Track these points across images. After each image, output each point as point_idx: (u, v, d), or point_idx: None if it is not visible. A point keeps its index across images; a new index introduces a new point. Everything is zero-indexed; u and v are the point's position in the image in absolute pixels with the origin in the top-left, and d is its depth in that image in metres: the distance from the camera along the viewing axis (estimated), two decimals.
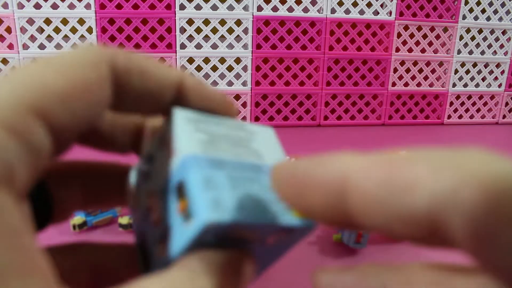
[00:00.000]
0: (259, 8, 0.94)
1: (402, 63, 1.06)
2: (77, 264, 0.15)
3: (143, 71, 0.14)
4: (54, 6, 0.88)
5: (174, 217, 0.13)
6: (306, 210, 0.12)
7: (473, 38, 1.07)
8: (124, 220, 0.46)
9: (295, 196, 0.12)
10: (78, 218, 0.46)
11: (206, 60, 0.96)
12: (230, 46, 0.96)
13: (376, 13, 1.01)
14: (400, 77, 1.06)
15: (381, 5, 1.02)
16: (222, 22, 0.94)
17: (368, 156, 0.11)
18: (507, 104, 1.15)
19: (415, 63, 1.06)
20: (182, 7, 0.91)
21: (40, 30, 0.90)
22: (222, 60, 0.97)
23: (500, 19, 1.07)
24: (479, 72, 1.10)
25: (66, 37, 0.91)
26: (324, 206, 0.11)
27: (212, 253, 0.13)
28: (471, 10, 1.04)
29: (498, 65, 1.11)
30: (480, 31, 1.07)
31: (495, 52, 1.10)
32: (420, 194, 0.09)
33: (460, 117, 1.13)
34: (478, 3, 1.04)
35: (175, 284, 0.11)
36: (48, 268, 0.10)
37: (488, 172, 0.09)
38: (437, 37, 1.05)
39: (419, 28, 1.03)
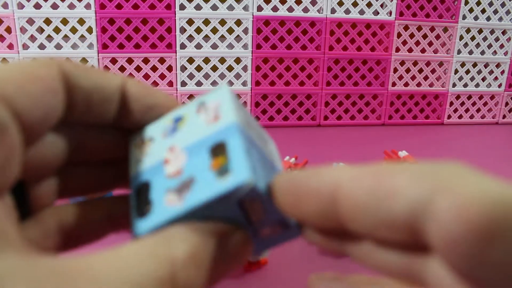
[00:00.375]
0: (259, 8, 0.94)
1: (402, 63, 1.06)
2: (46, 230, 0.16)
3: (88, 73, 0.16)
4: (54, 6, 0.88)
5: (203, 172, 0.14)
6: (302, 217, 0.13)
7: (473, 38, 1.07)
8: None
9: (293, 204, 0.13)
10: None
11: (206, 60, 0.96)
12: (230, 46, 0.97)
13: (376, 13, 1.01)
14: (400, 77, 1.06)
15: (381, 5, 1.02)
16: (222, 22, 0.94)
17: (358, 168, 0.12)
18: (507, 104, 1.15)
19: (415, 63, 1.06)
20: (182, 7, 0.91)
21: (40, 30, 0.90)
22: (222, 60, 0.97)
23: (500, 19, 1.07)
24: (479, 72, 1.10)
25: (66, 37, 0.91)
26: (318, 213, 0.12)
27: (197, 223, 0.13)
28: (471, 10, 1.04)
29: (498, 65, 1.11)
30: (480, 31, 1.07)
31: (495, 52, 1.10)
32: (400, 201, 0.10)
33: (460, 117, 1.13)
34: (478, 3, 1.04)
35: (147, 248, 0.12)
36: (13, 230, 0.12)
37: (461, 185, 0.10)
38: (437, 37, 1.05)
39: (419, 28, 1.03)
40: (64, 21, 0.89)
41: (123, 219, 0.18)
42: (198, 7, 0.93)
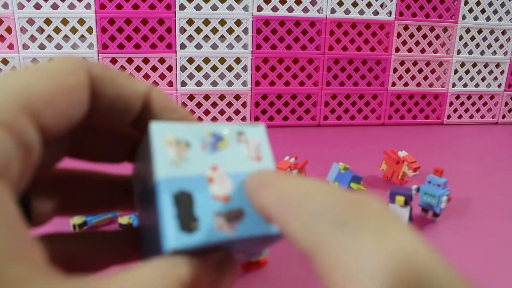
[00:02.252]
0: (259, 8, 0.94)
1: (402, 63, 1.06)
2: (52, 253, 0.16)
3: (114, 80, 0.16)
4: (54, 6, 0.88)
5: (250, 208, 0.15)
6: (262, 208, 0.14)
7: (472, 38, 1.07)
8: (124, 220, 0.46)
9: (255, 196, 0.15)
10: (78, 218, 0.46)
11: (206, 60, 0.96)
12: (230, 46, 0.97)
13: (376, 13, 1.01)
14: (400, 77, 1.06)
15: (381, 5, 1.02)
16: (222, 22, 0.95)
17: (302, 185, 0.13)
18: (506, 104, 1.15)
19: (415, 63, 1.06)
20: (182, 7, 0.91)
21: (40, 30, 0.90)
22: (222, 60, 0.97)
23: (500, 19, 1.07)
24: (479, 72, 1.10)
25: (66, 37, 0.91)
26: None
27: (194, 255, 0.15)
28: (470, 10, 1.05)
29: (497, 65, 1.11)
30: (479, 31, 1.07)
31: (494, 52, 1.10)
32: (295, 239, 0.12)
33: (460, 117, 1.13)
34: (478, 3, 1.04)
35: (158, 269, 0.13)
36: (40, 253, 0.12)
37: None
38: (437, 37, 1.05)
39: (419, 28, 1.03)
40: (64, 21, 0.89)
41: (129, 253, 0.18)
42: (198, 7, 0.93)
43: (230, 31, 0.95)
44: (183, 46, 0.94)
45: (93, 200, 0.18)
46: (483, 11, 1.05)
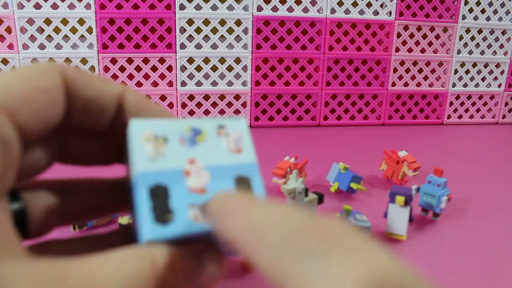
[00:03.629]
0: (259, 8, 0.94)
1: (402, 63, 1.06)
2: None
3: (88, 82, 0.16)
4: (54, 6, 0.88)
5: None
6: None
7: (472, 38, 1.07)
8: (124, 220, 0.46)
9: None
10: None
11: (206, 60, 0.96)
12: (230, 46, 0.97)
13: (376, 13, 1.01)
14: (400, 77, 1.06)
15: (381, 5, 1.02)
16: (222, 22, 0.94)
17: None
18: (506, 104, 1.15)
19: (415, 63, 1.06)
20: (182, 7, 0.91)
21: (40, 30, 0.90)
22: (222, 60, 0.97)
23: (500, 19, 1.07)
24: (479, 72, 1.10)
25: (66, 37, 0.91)
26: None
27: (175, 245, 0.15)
28: (470, 10, 1.05)
29: (497, 65, 1.11)
30: (479, 31, 1.07)
31: (494, 52, 1.10)
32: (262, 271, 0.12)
33: (460, 117, 1.13)
34: (478, 3, 1.04)
35: (133, 252, 0.14)
36: (17, 239, 0.12)
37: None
38: (437, 37, 1.05)
39: (419, 28, 1.03)
40: (64, 21, 0.89)
41: None
42: (198, 7, 0.93)
43: (230, 31, 0.95)
44: (183, 46, 0.94)
45: (91, 207, 0.18)
46: (483, 11, 1.05)
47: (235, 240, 0.13)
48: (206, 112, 1.00)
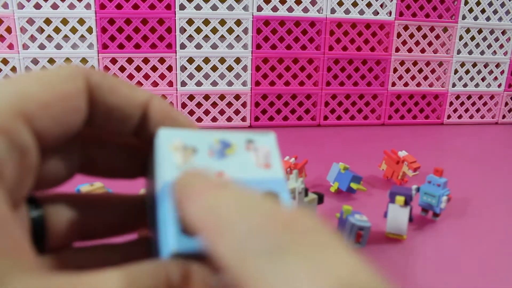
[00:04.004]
0: (259, 8, 0.94)
1: (402, 63, 1.06)
2: (62, 267, 0.16)
3: (113, 87, 0.15)
4: (54, 6, 0.88)
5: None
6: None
7: (472, 38, 1.07)
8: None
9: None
10: None
11: (206, 60, 0.96)
12: (230, 46, 0.97)
13: (376, 13, 1.01)
14: (400, 77, 1.06)
15: (381, 5, 1.02)
16: (222, 22, 0.94)
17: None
18: (506, 104, 1.15)
19: (415, 63, 1.06)
20: (182, 7, 0.91)
21: (40, 30, 0.90)
22: (222, 60, 0.97)
23: (500, 19, 1.07)
24: (479, 72, 1.10)
25: (66, 37, 0.91)
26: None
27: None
28: (470, 10, 1.05)
29: (497, 65, 1.11)
30: (479, 31, 1.07)
31: (494, 52, 1.10)
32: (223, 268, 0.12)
33: (460, 117, 1.13)
34: (478, 3, 1.04)
35: (146, 269, 0.13)
36: (28, 251, 0.12)
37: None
38: (437, 37, 1.05)
39: (419, 28, 1.03)
40: (64, 21, 0.89)
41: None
42: (198, 7, 0.93)
43: (230, 31, 0.95)
44: (183, 46, 0.94)
45: (112, 224, 0.18)
46: (483, 11, 1.05)
47: (197, 227, 0.12)
48: (206, 112, 1.00)
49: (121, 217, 0.18)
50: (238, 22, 0.96)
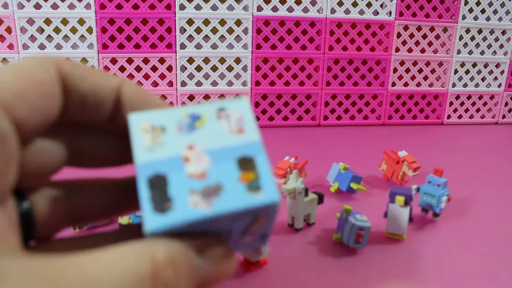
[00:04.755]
0: (259, 8, 0.94)
1: (402, 63, 1.06)
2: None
3: (85, 75, 0.16)
4: (54, 6, 0.88)
5: (232, 182, 0.15)
6: None
7: (472, 38, 1.07)
8: (124, 220, 0.46)
9: None
10: None
11: (206, 60, 0.96)
12: (230, 46, 0.97)
13: (376, 13, 1.01)
14: (400, 77, 1.06)
15: (381, 5, 1.02)
16: (222, 22, 0.94)
17: None
18: (506, 104, 1.15)
19: (414, 63, 1.06)
20: (182, 7, 0.91)
21: (40, 30, 0.90)
22: (222, 60, 0.97)
23: (500, 19, 1.07)
24: (479, 72, 1.10)
25: (66, 37, 0.91)
26: None
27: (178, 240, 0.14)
28: (470, 10, 1.05)
29: (497, 65, 1.11)
30: (479, 31, 1.07)
31: (494, 52, 1.10)
32: None
33: (460, 117, 1.13)
34: (478, 3, 1.04)
35: (131, 248, 0.13)
36: (12, 236, 0.12)
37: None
38: (437, 37, 1.05)
39: (418, 28, 1.03)
40: (64, 21, 0.89)
41: None
42: (198, 7, 0.93)
43: (230, 31, 0.95)
44: (183, 46, 0.94)
45: (100, 207, 0.18)
46: (483, 11, 1.05)
47: None
48: None
49: (107, 200, 0.18)
50: (238, 22, 0.96)
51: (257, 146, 0.16)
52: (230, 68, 0.98)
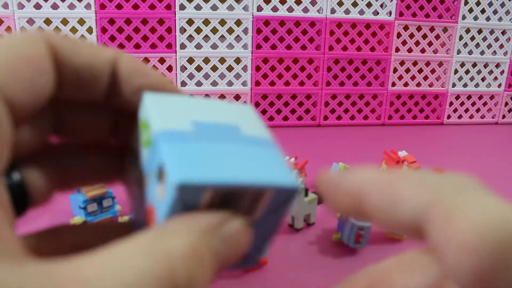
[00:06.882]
0: (259, 8, 0.94)
1: (402, 63, 1.06)
2: (60, 245, 0.16)
3: (77, 48, 0.15)
4: (54, 6, 0.88)
5: (157, 200, 0.13)
6: (338, 207, 0.15)
7: (472, 38, 1.07)
8: (124, 219, 0.46)
9: (333, 198, 0.15)
10: (78, 218, 0.46)
11: (206, 60, 0.96)
12: (230, 46, 0.97)
13: (376, 13, 1.01)
14: (400, 77, 1.06)
15: (381, 5, 1.02)
16: (222, 22, 0.94)
17: (378, 173, 0.14)
18: (506, 104, 1.15)
19: (414, 63, 1.06)
20: (182, 7, 0.91)
21: None
22: (222, 60, 0.97)
23: (500, 19, 1.07)
24: (479, 72, 1.10)
25: None
26: (348, 204, 0.14)
27: (190, 216, 0.12)
28: (470, 10, 1.05)
29: (497, 65, 1.11)
30: (479, 31, 1.07)
31: (494, 52, 1.10)
32: (405, 209, 0.12)
33: (460, 117, 1.13)
34: (478, 3, 1.04)
35: (141, 246, 0.11)
36: (11, 238, 0.11)
37: (450, 197, 0.12)
38: (437, 37, 1.05)
39: (418, 28, 1.03)
40: (64, 21, 0.89)
41: None
42: (198, 7, 0.93)
43: (230, 31, 0.95)
44: (183, 46, 0.94)
45: (88, 170, 0.17)
46: (483, 11, 1.05)
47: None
48: None
49: (95, 163, 0.17)
50: (238, 22, 0.96)
51: (159, 141, 0.14)
52: (230, 68, 0.98)
